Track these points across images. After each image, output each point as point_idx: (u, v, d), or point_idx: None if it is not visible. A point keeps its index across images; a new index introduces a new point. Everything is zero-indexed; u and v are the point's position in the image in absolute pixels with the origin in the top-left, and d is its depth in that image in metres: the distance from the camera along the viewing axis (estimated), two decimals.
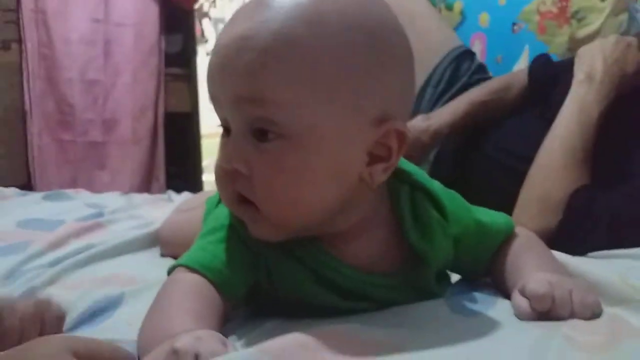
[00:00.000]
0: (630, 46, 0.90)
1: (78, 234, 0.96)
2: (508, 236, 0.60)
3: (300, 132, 0.45)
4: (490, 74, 1.34)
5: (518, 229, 0.61)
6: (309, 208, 0.48)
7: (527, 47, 1.66)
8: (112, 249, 0.87)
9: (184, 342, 0.37)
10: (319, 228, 0.51)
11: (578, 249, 0.68)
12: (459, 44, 1.33)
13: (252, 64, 0.44)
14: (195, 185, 2.39)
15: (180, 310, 0.45)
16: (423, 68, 1.25)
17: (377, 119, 0.47)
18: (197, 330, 0.40)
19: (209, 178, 2.52)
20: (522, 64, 1.65)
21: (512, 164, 1.02)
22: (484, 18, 1.80)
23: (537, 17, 1.64)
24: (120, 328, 0.56)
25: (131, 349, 0.45)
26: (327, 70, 0.45)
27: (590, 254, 0.70)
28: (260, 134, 0.46)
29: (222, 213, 0.55)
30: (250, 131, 0.47)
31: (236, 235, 0.52)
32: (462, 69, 1.26)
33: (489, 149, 1.10)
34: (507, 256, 0.58)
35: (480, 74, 1.29)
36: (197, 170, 2.51)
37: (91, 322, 0.60)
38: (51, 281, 0.72)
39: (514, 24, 1.70)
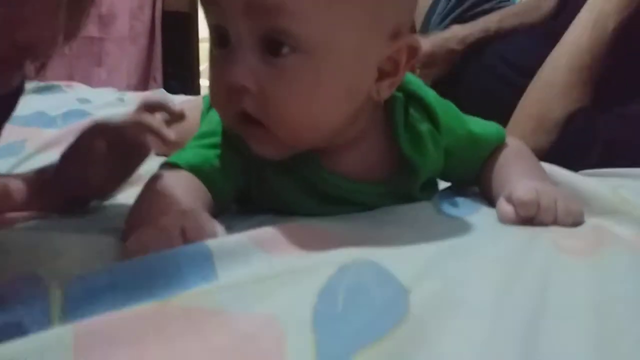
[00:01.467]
0: None
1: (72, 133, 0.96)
2: (498, 146, 0.61)
3: (317, 46, 0.43)
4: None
5: (509, 139, 0.62)
6: (320, 125, 0.47)
7: None
8: None
9: (168, 217, 0.38)
10: (320, 143, 0.50)
11: (572, 169, 0.69)
12: None
13: None
14: (192, 88, 2.37)
15: (168, 194, 0.46)
16: None
17: (392, 33, 0.46)
18: (182, 206, 0.41)
19: (206, 82, 2.49)
20: None
21: (511, 75, 1.01)
22: None
23: None
24: (111, 216, 0.57)
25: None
26: None
27: (582, 172, 0.71)
28: (273, 47, 0.43)
29: (215, 117, 0.54)
30: (262, 44, 0.43)
31: (228, 141, 0.52)
32: None
33: (490, 59, 1.08)
34: (495, 165, 0.59)
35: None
36: (194, 73, 2.48)
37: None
38: None
39: None
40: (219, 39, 0.45)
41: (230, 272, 0.35)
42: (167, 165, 0.51)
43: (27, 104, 1.10)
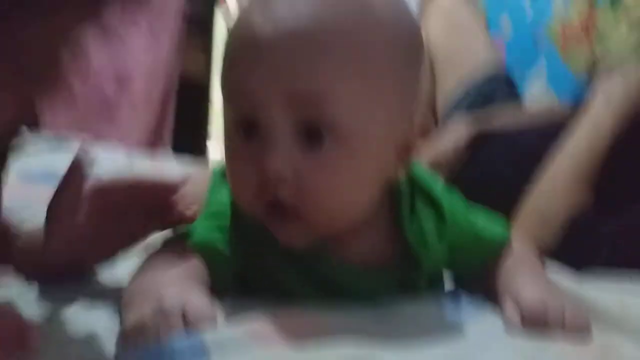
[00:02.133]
0: None
1: None
2: (503, 247, 0.61)
3: (354, 134, 0.44)
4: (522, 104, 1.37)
5: (514, 241, 0.62)
6: (353, 211, 0.48)
7: (544, 58, 1.66)
8: None
9: (170, 300, 0.38)
10: (344, 229, 0.50)
11: (575, 270, 0.69)
12: (502, 70, 1.35)
13: (324, 60, 0.42)
14: (199, 149, 2.40)
15: (168, 274, 0.45)
16: (462, 75, 1.30)
17: (412, 114, 0.48)
18: (184, 288, 0.41)
19: (213, 147, 2.54)
20: (537, 74, 1.66)
21: (521, 160, 1.02)
22: (506, 24, 1.80)
23: (560, 30, 1.64)
24: (109, 286, 0.56)
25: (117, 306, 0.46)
26: (378, 68, 0.45)
27: (588, 274, 0.71)
28: (311, 136, 0.44)
29: (224, 198, 0.53)
30: (299, 133, 0.44)
31: (237, 227, 0.51)
32: (497, 92, 1.30)
33: (501, 145, 1.10)
34: (500, 268, 0.59)
35: (514, 102, 1.31)
36: (203, 138, 2.51)
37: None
38: None
39: (535, 33, 1.70)
40: (245, 130, 0.46)
41: None
42: (171, 241, 0.51)
43: (38, 162, 1.11)
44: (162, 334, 0.36)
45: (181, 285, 0.43)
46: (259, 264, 0.53)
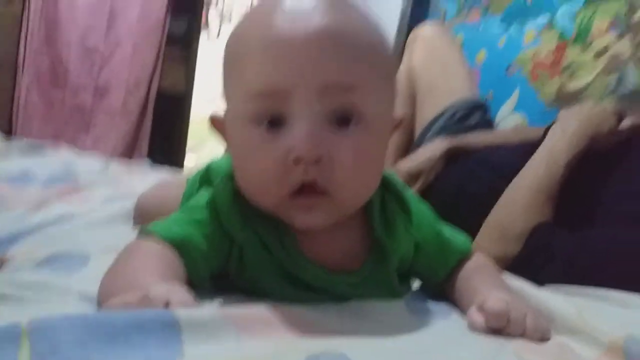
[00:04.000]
0: (606, 110, 0.97)
1: (56, 197, 0.96)
2: (464, 256, 0.63)
3: (375, 116, 0.49)
4: (495, 129, 1.43)
5: (475, 252, 0.64)
6: (372, 189, 0.53)
7: (518, 89, 1.72)
8: (88, 224, 0.86)
9: (157, 289, 0.38)
10: None
11: (533, 281, 0.71)
12: (478, 98, 1.41)
13: (349, 55, 0.47)
14: (176, 162, 2.39)
15: (146, 268, 0.45)
16: (440, 103, 1.35)
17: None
18: (170, 283, 0.41)
19: (190, 159, 2.54)
20: (510, 105, 1.71)
21: (489, 176, 1.06)
22: (481, 55, 1.86)
23: (531, 64, 1.70)
24: (84, 283, 0.54)
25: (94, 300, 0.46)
26: (390, 60, 0.53)
27: (547, 285, 0.73)
28: (343, 121, 0.48)
29: (204, 195, 0.55)
30: (333, 118, 0.47)
31: (216, 219, 0.52)
32: (473, 115, 1.35)
33: (471, 163, 1.13)
34: (464, 275, 0.61)
35: (487, 126, 1.37)
36: (180, 150, 2.51)
37: (54, 269, 0.60)
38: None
39: (508, 66, 1.76)
40: (270, 122, 0.48)
41: (197, 351, 0.34)
42: (145, 234, 0.51)
43: (13, 163, 1.10)
44: None
45: (164, 279, 0.43)
46: (236, 258, 0.54)
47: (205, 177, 0.65)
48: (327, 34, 0.47)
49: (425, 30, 1.47)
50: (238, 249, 0.53)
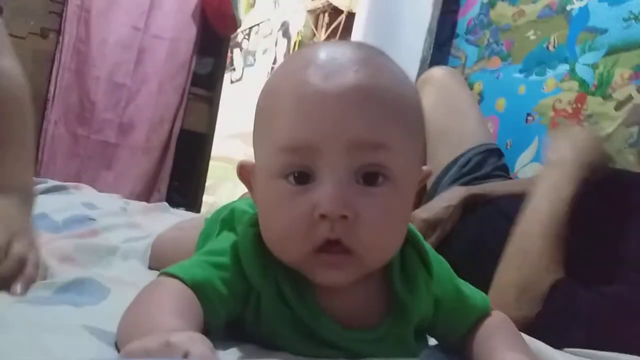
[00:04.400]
0: (598, 138, 0.95)
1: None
2: (483, 314, 0.62)
3: (402, 174, 0.49)
4: (512, 175, 1.41)
5: (493, 310, 0.63)
6: (397, 248, 0.52)
7: (537, 138, 1.71)
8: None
9: (178, 338, 0.38)
10: None
11: (555, 343, 0.69)
12: (492, 142, 1.40)
13: (380, 113, 0.48)
14: (194, 203, 2.41)
15: (167, 308, 0.45)
16: (456, 148, 1.33)
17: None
18: (191, 332, 0.41)
19: (208, 199, 2.55)
20: (529, 154, 1.71)
21: (508, 228, 1.03)
22: (501, 103, 1.87)
23: (551, 113, 1.69)
24: (102, 318, 0.54)
25: (112, 339, 0.46)
26: (420, 115, 0.53)
27: (566, 350, 0.71)
28: (371, 178, 0.48)
29: (227, 239, 0.55)
30: (360, 176, 0.48)
31: (237, 265, 0.52)
32: (488, 161, 1.33)
33: (489, 213, 1.10)
34: (482, 334, 0.59)
35: (502, 171, 1.35)
36: (199, 188, 2.54)
37: (73, 303, 0.59)
38: None
39: (528, 114, 1.76)
40: (297, 177, 0.48)
41: None
42: (166, 275, 0.50)
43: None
44: None
45: (184, 321, 0.43)
46: (254, 307, 0.53)
47: (228, 219, 0.65)
48: (358, 92, 0.47)
49: (436, 73, 1.46)
50: (256, 296, 0.53)
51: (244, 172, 0.56)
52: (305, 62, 0.50)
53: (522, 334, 0.63)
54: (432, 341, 0.64)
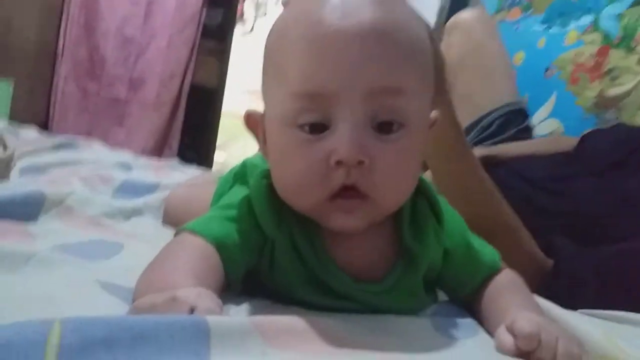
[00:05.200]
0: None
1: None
2: (493, 271, 0.61)
3: (415, 119, 0.48)
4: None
5: (504, 269, 0.62)
6: (410, 192, 0.52)
7: (555, 93, 1.67)
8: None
9: (185, 293, 0.38)
10: None
11: (565, 305, 0.69)
12: (516, 102, 1.36)
13: (398, 56, 0.46)
14: (206, 160, 2.41)
15: (183, 268, 0.45)
16: (480, 108, 1.32)
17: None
18: (199, 288, 0.41)
19: (219, 156, 2.55)
20: (546, 110, 1.67)
21: (524, 187, 1.02)
22: (519, 56, 1.82)
23: (571, 67, 1.65)
24: (117, 272, 0.55)
25: (127, 294, 0.46)
26: (430, 58, 0.51)
27: (580, 310, 0.70)
28: (386, 125, 0.47)
29: (239, 192, 0.55)
30: (375, 122, 0.47)
31: (251, 217, 0.52)
32: (511, 123, 1.30)
33: (504, 174, 1.10)
34: (491, 292, 0.59)
35: (525, 133, 1.32)
36: (211, 145, 2.54)
37: (85, 257, 0.60)
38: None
39: (547, 68, 1.71)
40: (312, 126, 0.47)
41: (223, 356, 0.34)
42: (187, 232, 0.51)
43: (42, 158, 1.14)
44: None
45: (200, 280, 0.43)
46: (268, 257, 0.54)
47: (240, 174, 0.65)
48: (375, 33, 0.45)
49: (466, 17, 1.36)
50: (270, 246, 0.53)
51: (252, 122, 0.55)
52: (319, 0, 0.47)
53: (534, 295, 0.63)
54: (442, 296, 0.64)
